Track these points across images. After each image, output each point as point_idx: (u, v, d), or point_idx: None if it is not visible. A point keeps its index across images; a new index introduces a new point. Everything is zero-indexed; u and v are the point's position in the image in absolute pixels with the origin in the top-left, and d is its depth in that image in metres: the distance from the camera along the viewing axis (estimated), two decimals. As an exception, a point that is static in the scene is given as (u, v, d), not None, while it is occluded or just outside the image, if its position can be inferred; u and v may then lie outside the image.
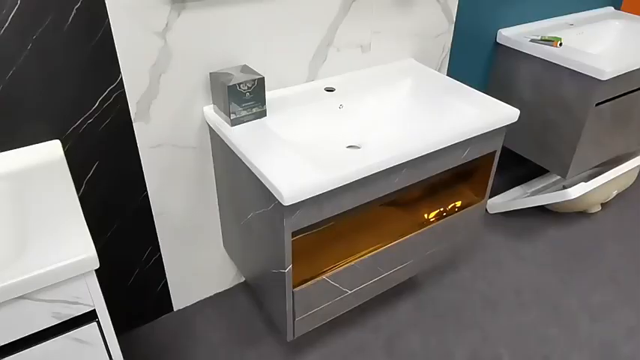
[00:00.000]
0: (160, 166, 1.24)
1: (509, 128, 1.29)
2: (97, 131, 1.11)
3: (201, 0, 1.10)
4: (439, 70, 1.65)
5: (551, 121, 1.71)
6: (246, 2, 1.16)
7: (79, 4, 0.97)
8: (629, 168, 1.82)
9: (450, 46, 1.63)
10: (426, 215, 1.38)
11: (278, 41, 1.26)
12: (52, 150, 1.03)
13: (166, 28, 1.09)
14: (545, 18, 1.89)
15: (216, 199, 1.40)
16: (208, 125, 1.25)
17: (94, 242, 0.78)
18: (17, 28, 0.93)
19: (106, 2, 0.99)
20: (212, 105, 1.23)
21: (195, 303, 1.57)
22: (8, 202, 0.88)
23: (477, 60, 1.80)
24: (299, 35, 1.29)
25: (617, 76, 1.56)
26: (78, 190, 1.15)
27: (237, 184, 1.20)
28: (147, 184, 1.24)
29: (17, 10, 0.91)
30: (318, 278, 1.15)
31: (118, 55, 1.05)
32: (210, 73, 1.17)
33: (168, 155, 1.23)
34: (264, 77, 1.15)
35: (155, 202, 1.28)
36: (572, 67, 1.58)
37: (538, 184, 2.09)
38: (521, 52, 1.72)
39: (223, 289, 1.61)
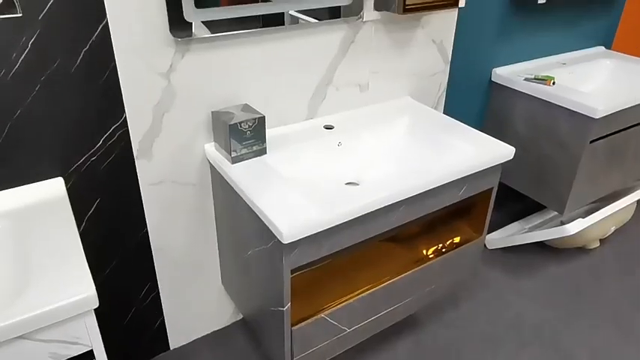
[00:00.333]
0: (161, 203, 1.26)
1: (506, 164, 1.31)
2: (99, 169, 1.13)
3: (205, 43, 1.14)
4: (436, 108, 1.70)
5: (547, 157, 1.74)
6: (248, 44, 1.21)
7: (87, 47, 1.01)
8: (626, 204, 1.85)
9: (446, 84, 1.68)
10: (424, 251, 1.39)
11: (278, 81, 1.30)
12: (55, 187, 1.05)
13: (170, 69, 1.13)
14: (538, 57, 1.96)
15: (216, 236, 1.41)
16: (209, 162, 1.27)
17: (93, 280, 0.79)
18: (27, 70, 0.96)
19: (113, 45, 1.03)
20: (213, 143, 1.25)
21: (192, 341, 1.55)
22: (10, 241, 0.89)
23: (472, 98, 1.85)
24: (299, 75, 1.33)
25: (610, 114, 1.60)
26: (78, 227, 1.17)
27: (237, 222, 1.21)
28: (147, 220, 1.26)
29: (27, 54, 0.95)
30: (316, 316, 1.15)
31: (123, 94, 1.09)
32: (212, 112, 1.21)
33: (168, 192, 1.25)
34: (264, 116, 1.19)
35: (154, 238, 1.30)
36: (565, 106, 1.62)
37: (536, 219, 2.11)
38: (515, 90, 1.77)
39: (221, 326, 1.60)
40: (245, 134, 1.17)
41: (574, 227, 1.71)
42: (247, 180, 1.11)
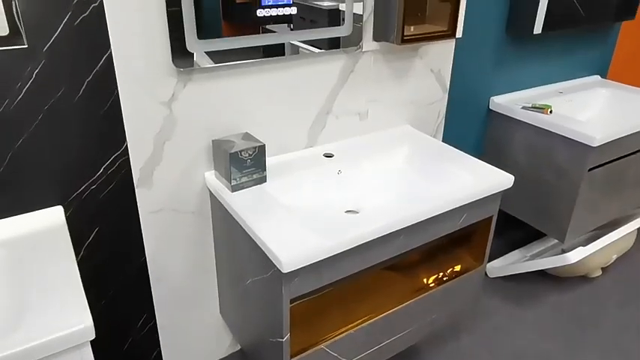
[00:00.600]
0: (160, 231, 1.26)
1: (505, 192, 1.32)
2: (99, 197, 1.14)
3: (207, 72, 1.17)
4: (434, 136, 1.72)
5: (547, 185, 1.75)
6: (249, 74, 1.23)
7: (90, 77, 1.03)
8: (627, 232, 1.85)
9: (444, 112, 1.71)
10: (425, 280, 1.38)
11: (279, 110, 1.32)
12: (54, 216, 1.05)
13: (172, 98, 1.14)
14: (535, 86, 1.99)
15: (214, 265, 1.40)
16: (209, 191, 1.28)
17: (89, 309, 0.79)
18: (31, 100, 0.98)
19: (116, 75, 1.05)
20: (213, 171, 1.26)
21: (188, 372, 1.52)
22: (7, 270, 0.89)
23: (471, 126, 1.87)
24: (299, 104, 1.35)
25: (608, 143, 1.62)
26: (77, 256, 1.16)
27: (236, 250, 1.21)
28: (146, 249, 1.25)
29: (32, 84, 0.97)
30: (316, 347, 1.13)
31: (125, 123, 1.10)
32: (213, 141, 1.22)
33: (168, 220, 1.26)
34: (264, 145, 1.20)
35: (153, 268, 1.29)
36: (563, 134, 1.64)
37: (537, 247, 2.10)
38: (513, 118, 1.79)
39: (219, 358, 1.57)
40: (245, 162, 1.18)
41: (575, 256, 1.70)
42: (247, 208, 1.12)
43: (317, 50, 1.32)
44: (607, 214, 1.86)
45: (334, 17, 1.31)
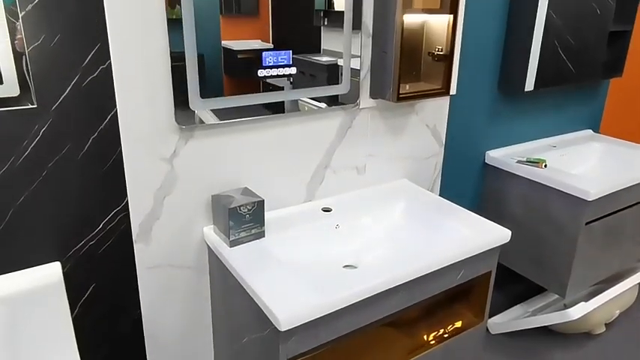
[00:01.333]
0: (156, 287, 1.26)
1: (504, 246, 1.34)
2: (97, 253, 1.15)
3: (208, 129, 1.21)
4: (431, 190, 1.75)
5: (545, 239, 1.77)
6: (249, 130, 1.28)
7: (95, 134, 1.07)
8: (628, 287, 1.85)
9: (441, 166, 1.75)
10: (425, 337, 1.37)
11: (278, 165, 1.36)
12: (52, 272, 1.06)
13: (174, 155, 1.18)
14: (529, 140, 2.06)
15: (211, 322, 1.39)
16: (207, 246, 1.29)
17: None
18: (36, 157, 1.01)
19: (120, 133, 1.09)
20: (212, 226, 1.28)
21: None
22: (1, 328, 0.89)
23: (467, 179, 1.91)
24: (298, 159, 1.39)
25: (603, 197, 1.65)
26: (72, 312, 1.15)
27: (233, 307, 1.21)
28: (141, 305, 1.25)
29: (38, 142, 1.01)
30: (314, 409, 1.11)
31: (127, 179, 1.13)
32: (213, 196, 1.25)
33: (165, 276, 1.26)
34: (263, 200, 1.23)
35: (148, 325, 1.28)
36: (558, 188, 1.68)
37: (538, 302, 2.09)
38: (509, 172, 1.84)
39: (211, 419, 1.53)
40: (244, 217, 1.21)
41: (577, 312, 1.70)
42: (245, 264, 1.13)
43: (316, 104, 1.37)
44: (607, 268, 1.87)
45: (332, 72, 1.38)
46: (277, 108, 1.31)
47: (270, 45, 1.26)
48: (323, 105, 1.38)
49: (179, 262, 1.27)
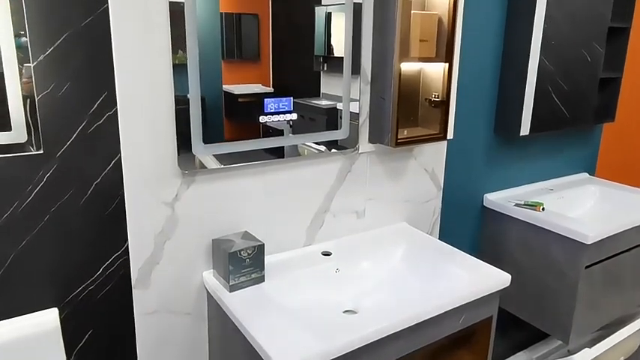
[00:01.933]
0: (154, 333, 1.25)
1: (505, 290, 1.34)
2: (95, 298, 1.15)
3: (210, 174, 1.24)
4: (431, 233, 1.77)
5: (545, 284, 1.77)
6: (250, 175, 1.31)
7: (98, 179, 1.09)
8: (632, 332, 1.84)
9: (440, 210, 1.78)
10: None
11: (278, 209, 1.38)
12: (49, 319, 1.05)
13: (175, 199, 1.20)
14: (527, 183, 2.09)
15: (208, 369, 1.37)
16: (206, 290, 1.29)
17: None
18: (39, 203, 1.03)
19: (123, 178, 1.12)
20: (212, 270, 1.29)
21: None
22: (-3, 377, 0.88)
23: (466, 222, 1.93)
24: (298, 203, 1.42)
25: (602, 240, 1.67)
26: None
27: (232, 354, 1.20)
28: (137, 352, 1.23)
29: (41, 188, 1.03)
30: None
31: (128, 224, 1.15)
32: (213, 240, 1.26)
33: (163, 322, 1.25)
34: (264, 244, 1.24)
35: (143, 371, 1.26)
36: (557, 231, 1.70)
37: (542, 348, 2.07)
38: (507, 215, 1.86)
39: None
40: (244, 262, 1.21)
41: (581, 359, 1.68)
42: (244, 309, 1.13)
43: (316, 147, 1.41)
44: (610, 313, 1.86)
45: (332, 115, 1.42)
46: (277, 151, 1.34)
47: (271, 89, 1.31)
48: (323, 148, 1.42)
49: (178, 308, 1.27)
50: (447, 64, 1.49)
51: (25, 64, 0.96)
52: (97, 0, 1.02)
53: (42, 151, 1.01)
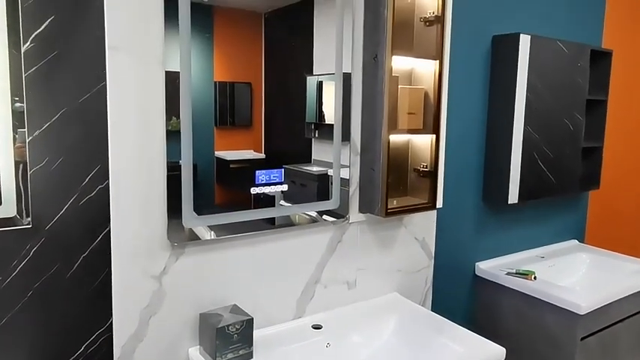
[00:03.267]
0: (134, 416, 1.20)
1: (501, 365, 1.33)
2: (75, 378, 1.11)
3: (199, 245, 1.24)
4: (423, 303, 1.75)
5: (542, 356, 1.75)
6: (240, 246, 1.31)
7: (86, 253, 1.09)
8: (633, 407, 1.80)
9: (431, 279, 1.77)
10: None
11: (268, 280, 1.37)
12: (25, 402, 1.01)
13: (163, 272, 1.19)
14: (518, 251, 2.11)
15: None
16: (192, 368, 1.26)
17: None
18: (23, 278, 1.02)
19: (112, 250, 1.11)
20: (198, 346, 1.25)
21: None
22: None
23: (459, 292, 1.93)
24: (288, 274, 1.41)
25: (595, 310, 1.67)
26: None
27: None
28: None
29: (27, 262, 1.02)
30: None
31: (113, 298, 1.13)
32: (200, 314, 1.24)
33: (144, 403, 1.20)
34: (253, 318, 1.22)
35: None
36: (550, 301, 1.70)
37: None
38: (500, 284, 1.87)
39: None
40: (232, 338, 1.19)
41: None
42: (232, 390, 1.09)
43: (307, 212, 1.41)
44: (609, 386, 1.83)
45: (322, 181, 1.45)
46: (268, 219, 1.35)
47: (262, 155, 1.34)
48: (314, 214, 1.43)
49: (160, 387, 1.22)
50: (434, 136, 1.55)
51: (19, 130, 0.98)
52: (97, 77, 1.07)
53: (30, 225, 1.01)
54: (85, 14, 1.04)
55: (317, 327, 1.41)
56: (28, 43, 0.98)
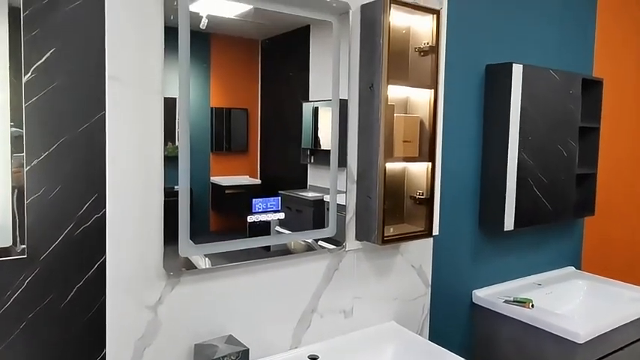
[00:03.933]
0: None
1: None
2: (66, 412, 1.09)
3: (195, 274, 1.24)
4: (421, 332, 1.74)
5: (541, 386, 1.74)
6: (236, 275, 1.31)
7: (81, 283, 1.09)
8: None
9: (429, 307, 1.77)
10: None
11: (264, 309, 1.37)
12: None
13: (159, 302, 1.19)
14: (514, 278, 2.11)
15: None
16: (186, 401, 1.24)
17: None
18: (17, 309, 1.01)
19: (107, 280, 1.11)
20: (193, 378, 1.24)
21: None
22: None
23: (456, 320, 1.92)
24: (285, 303, 1.40)
25: (594, 339, 1.67)
26: None
27: None
28: None
29: (21, 293, 1.01)
30: None
31: (107, 329, 1.12)
32: (195, 345, 1.23)
33: None
34: (248, 349, 1.21)
35: None
36: (548, 330, 1.70)
37: None
38: (497, 312, 1.86)
39: None
40: (228, 369, 1.18)
41: None
42: None
43: (303, 238, 1.42)
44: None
45: (318, 207, 1.45)
46: (264, 247, 1.35)
47: (258, 180, 1.35)
48: (310, 240, 1.44)
49: (154, 421, 1.20)
50: (429, 163, 1.57)
51: (14, 155, 0.98)
52: (97, 106, 1.08)
53: (25, 256, 1.01)
54: (86, 45, 1.06)
55: (313, 358, 1.40)
56: (29, 73, 1.00)
